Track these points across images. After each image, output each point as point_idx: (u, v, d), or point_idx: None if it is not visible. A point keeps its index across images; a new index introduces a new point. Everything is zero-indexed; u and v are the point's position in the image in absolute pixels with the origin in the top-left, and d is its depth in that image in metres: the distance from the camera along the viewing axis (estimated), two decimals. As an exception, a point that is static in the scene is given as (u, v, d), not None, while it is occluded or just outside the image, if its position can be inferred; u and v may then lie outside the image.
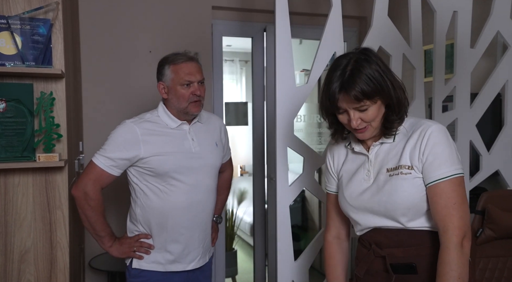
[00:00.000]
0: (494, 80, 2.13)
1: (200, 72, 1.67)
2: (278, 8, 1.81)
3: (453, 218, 1.13)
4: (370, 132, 1.21)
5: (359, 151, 1.29)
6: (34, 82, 1.59)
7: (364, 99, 1.13)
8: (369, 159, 1.26)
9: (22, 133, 1.55)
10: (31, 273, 1.60)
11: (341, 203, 1.33)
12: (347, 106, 1.16)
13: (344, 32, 1.93)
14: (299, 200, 3.96)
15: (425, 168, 1.17)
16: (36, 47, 1.56)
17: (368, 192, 1.24)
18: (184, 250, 1.67)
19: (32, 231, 1.61)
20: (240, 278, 3.70)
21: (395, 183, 1.19)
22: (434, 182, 1.15)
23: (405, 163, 1.19)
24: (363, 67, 1.13)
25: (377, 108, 1.16)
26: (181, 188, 1.64)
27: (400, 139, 1.23)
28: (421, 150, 1.17)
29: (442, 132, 1.18)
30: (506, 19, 2.12)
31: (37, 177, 1.61)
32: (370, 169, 1.25)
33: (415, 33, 2.00)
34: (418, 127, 1.21)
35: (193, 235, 1.68)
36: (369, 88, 1.12)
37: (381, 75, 1.14)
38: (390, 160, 1.22)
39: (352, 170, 1.31)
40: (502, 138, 2.15)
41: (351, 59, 1.16)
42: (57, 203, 1.63)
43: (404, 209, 1.18)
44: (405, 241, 1.21)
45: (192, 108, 1.65)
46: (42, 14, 1.58)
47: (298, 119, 3.24)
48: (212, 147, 1.74)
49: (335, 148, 1.39)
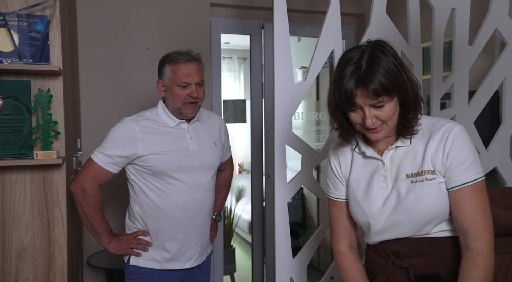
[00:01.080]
0: (492, 77, 2.13)
1: (199, 74, 1.66)
2: (276, 5, 1.81)
3: (485, 223, 1.09)
4: (384, 132, 1.11)
5: (372, 156, 1.19)
6: (32, 79, 1.58)
7: (383, 95, 1.03)
8: (384, 163, 1.17)
9: (19, 130, 1.55)
10: (29, 271, 1.60)
11: (357, 214, 1.21)
12: (363, 102, 1.05)
13: (343, 29, 1.93)
14: (297, 198, 3.97)
15: (450, 171, 1.10)
16: (34, 44, 1.55)
17: (390, 201, 1.15)
18: (181, 249, 1.68)
19: (30, 228, 1.61)
20: (238, 275, 3.70)
21: (421, 190, 1.11)
22: (461, 186, 1.09)
23: (428, 168, 1.12)
24: (380, 59, 1.04)
25: (393, 105, 1.07)
26: (179, 186, 1.64)
27: (417, 141, 1.15)
28: (444, 152, 1.10)
29: (465, 134, 1.12)
30: (504, 16, 2.12)
31: (34, 174, 1.60)
32: (387, 175, 1.16)
33: (414, 30, 2.00)
34: (438, 128, 1.13)
35: (190, 234, 1.69)
36: (388, 82, 1.02)
37: (398, 69, 1.05)
38: (409, 165, 1.14)
39: (364, 177, 1.21)
40: (500, 136, 2.15)
41: (365, 51, 1.06)
42: (55, 200, 1.63)
43: (431, 217, 1.12)
44: (427, 250, 1.15)
45: (186, 109, 1.65)
46: (40, 11, 1.58)
47: (296, 116, 3.24)
48: (211, 146, 1.75)
49: (340, 151, 1.27)
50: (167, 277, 1.69)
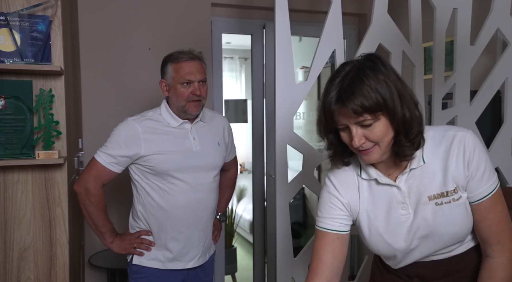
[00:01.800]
0: (494, 77, 2.13)
1: (202, 72, 1.66)
2: (277, 5, 1.81)
3: (507, 232, 1.06)
4: (377, 155, 1.00)
5: (386, 183, 1.07)
6: (33, 79, 1.59)
7: (364, 114, 0.94)
8: (400, 189, 1.06)
9: (21, 130, 1.55)
10: (30, 270, 1.61)
11: (381, 248, 1.10)
12: (347, 121, 0.96)
13: (344, 29, 1.93)
14: (299, 197, 3.97)
15: (472, 184, 1.04)
16: (35, 44, 1.55)
17: (415, 229, 1.06)
18: (183, 249, 1.68)
19: (32, 228, 1.61)
20: (239, 275, 3.71)
21: (450, 213, 1.03)
22: (485, 198, 1.04)
23: (452, 187, 1.04)
24: (366, 76, 0.94)
25: (383, 125, 0.96)
26: (181, 186, 1.64)
27: (430, 157, 1.04)
28: (465, 165, 1.03)
29: (477, 139, 1.05)
30: (506, 16, 2.12)
31: (36, 174, 1.61)
32: (406, 201, 1.06)
33: (415, 30, 2.00)
34: (451, 140, 1.04)
35: (192, 234, 1.68)
36: (369, 101, 0.92)
37: (388, 87, 0.95)
38: (429, 185, 1.04)
39: (380, 207, 1.08)
40: (501, 135, 2.15)
41: (354, 66, 0.98)
42: (57, 200, 1.63)
43: (462, 237, 1.07)
44: (453, 268, 1.10)
45: (191, 108, 1.65)
46: (41, 11, 1.58)
47: (298, 116, 3.24)
48: (214, 146, 1.74)
49: (342, 175, 1.12)
50: (169, 277, 1.69)
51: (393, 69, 1.00)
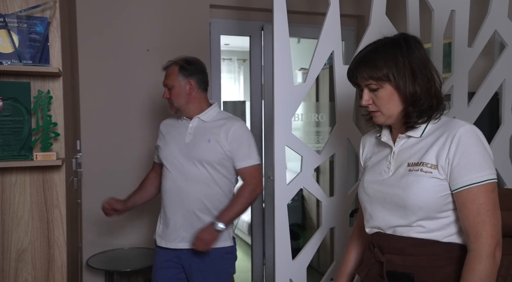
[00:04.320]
0: (492, 79, 2.14)
1: (168, 78, 1.90)
2: (276, 7, 1.81)
3: (486, 225, 1.07)
4: (381, 118, 1.19)
5: (386, 141, 1.26)
6: (31, 81, 1.58)
7: (370, 80, 1.14)
8: (392, 150, 1.23)
9: (19, 132, 1.55)
10: (28, 272, 1.60)
11: (358, 192, 1.30)
12: (360, 81, 1.17)
13: (342, 31, 1.93)
14: (297, 199, 3.97)
15: (456, 171, 1.09)
16: (33, 46, 1.55)
17: (385, 183, 1.20)
18: (167, 229, 1.89)
19: (30, 229, 1.60)
20: (237, 277, 3.69)
21: (412, 178, 1.13)
22: (466, 187, 1.08)
23: (429, 161, 1.13)
24: (381, 50, 1.15)
25: (386, 93, 1.15)
26: (170, 174, 1.89)
27: (428, 135, 1.17)
28: (450, 150, 1.10)
29: (475, 133, 1.11)
30: (503, 18, 2.13)
31: (34, 176, 1.60)
32: (392, 162, 1.21)
33: (413, 32, 2.00)
34: (449, 127, 1.14)
35: (174, 218, 1.87)
36: (374, 71, 1.13)
37: (399, 63, 1.13)
38: (413, 155, 1.17)
39: (376, 160, 1.29)
40: (499, 137, 2.15)
41: (382, 40, 1.18)
42: (55, 201, 1.63)
43: (415, 207, 1.12)
44: (407, 249, 1.16)
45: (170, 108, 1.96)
46: (39, 13, 1.58)
47: (296, 118, 3.24)
48: (203, 142, 1.87)
49: (368, 138, 1.38)
50: (159, 253, 1.93)
51: (420, 50, 1.16)
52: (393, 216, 1.18)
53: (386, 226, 1.20)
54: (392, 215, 1.18)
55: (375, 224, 1.23)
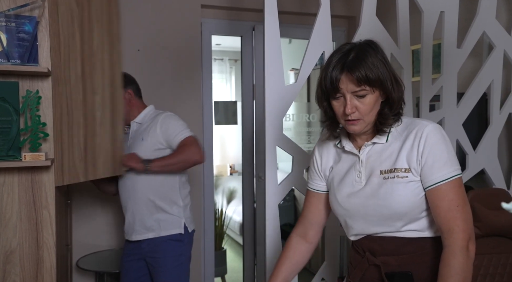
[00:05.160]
0: (480, 80, 2.16)
1: None
2: (267, 7, 1.81)
3: (457, 220, 1.10)
4: (361, 126, 1.15)
5: (350, 150, 1.23)
6: (20, 81, 1.56)
7: (365, 84, 1.09)
8: (360, 159, 1.21)
9: (7, 132, 1.53)
10: (16, 274, 1.58)
11: (333, 206, 1.27)
12: (346, 89, 1.10)
13: (333, 31, 1.94)
14: (289, 199, 3.97)
15: (425, 171, 1.12)
16: (22, 45, 1.53)
17: (361, 195, 1.18)
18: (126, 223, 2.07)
19: (18, 231, 1.58)
20: (229, 277, 3.70)
21: (391, 186, 1.14)
22: (435, 185, 1.11)
23: (402, 166, 1.14)
24: (368, 53, 1.11)
25: (374, 99, 1.12)
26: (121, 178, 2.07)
27: (393, 140, 1.18)
28: (419, 151, 1.13)
29: (439, 132, 1.14)
30: (491, 19, 2.15)
31: (23, 176, 1.58)
32: (362, 170, 1.20)
33: (403, 33, 2.02)
34: (413, 128, 1.16)
35: (127, 214, 2.06)
36: (372, 74, 1.09)
37: (385, 67, 1.12)
38: (384, 162, 1.17)
39: (343, 170, 1.25)
40: (487, 137, 2.18)
41: (355, 46, 1.13)
42: (44, 202, 1.61)
43: (400, 214, 1.14)
44: (399, 249, 1.17)
45: None
46: (28, 12, 1.56)
47: (287, 118, 3.25)
48: (138, 141, 2.05)
49: (324, 146, 1.33)
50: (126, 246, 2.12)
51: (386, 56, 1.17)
52: (379, 226, 1.18)
53: (375, 233, 1.20)
54: (377, 225, 1.18)
55: (359, 232, 1.23)
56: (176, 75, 2.75)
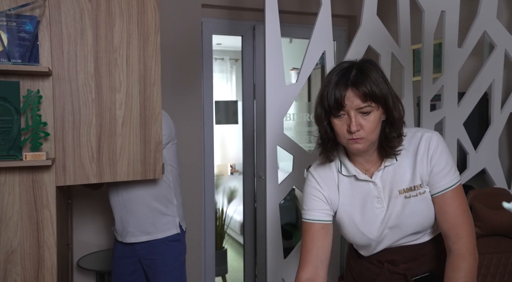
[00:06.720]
0: (481, 79, 2.16)
1: None
2: (267, 7, 1.81)
3: (465, 225, 1.13)
4: (365, 144, 1.10)
5: (364, 179, 1.17)
6: (21, 80, 1.57)
7: (371, 100, 1.06)
8: (375, 184, 1.17)
9: (8, 132, 1.53)
10: (17, 273, 1.58)
11: (357, 238, 1.21)
12: (351, 106, 1.06)
13: (334, 31, 1.94)
14: (290, 198, 3.97)
15: (433, 177, 1.15)
16: (23, 45, 1.53)
17: (387, 219, 1.17)
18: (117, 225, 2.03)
19: (19, 230, 1.59)
20: (230, 276, 3.70)
21: (416, 205, 1.15)
22: (442, 191, 1.15)
23: (418, 182, 1.16)
24: (370, 69, 1.09)
25: (378, 117, 1.09)
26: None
27: (402, 157, 1.17)
28: (428, 161, 1.15)
29: (442, 140, 1.17)
30: (492, 19, 2.15)
31: (23, 176, 1.59)
32: (381, 196, 1.17)
33: (404, 32, 2.02)
34: (419, 140, 1.16)
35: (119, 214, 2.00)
36: (378, 89, 1.06)
37: (386, 84, 1.10)
38: (400, 181, 1.16)
39: (357, 200, 1.19)
40: (488, 137, 2.18)
41: (354, 64, 1.11)
42: (44, 202, 1.61)
43: (425, 228, 1.19)
44: (418, 253, 1.21)
45: None
46: (29, 11, 1.56)
47: (288, 118, 3.25)
48: None
49: (322, 172, 1.22)
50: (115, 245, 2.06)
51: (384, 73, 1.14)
52: (401, 240, 1.20)
53: (393, 246, 1.22)
54: (400, 239, 1.20)
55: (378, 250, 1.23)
56: (177, 75, 2.75)
